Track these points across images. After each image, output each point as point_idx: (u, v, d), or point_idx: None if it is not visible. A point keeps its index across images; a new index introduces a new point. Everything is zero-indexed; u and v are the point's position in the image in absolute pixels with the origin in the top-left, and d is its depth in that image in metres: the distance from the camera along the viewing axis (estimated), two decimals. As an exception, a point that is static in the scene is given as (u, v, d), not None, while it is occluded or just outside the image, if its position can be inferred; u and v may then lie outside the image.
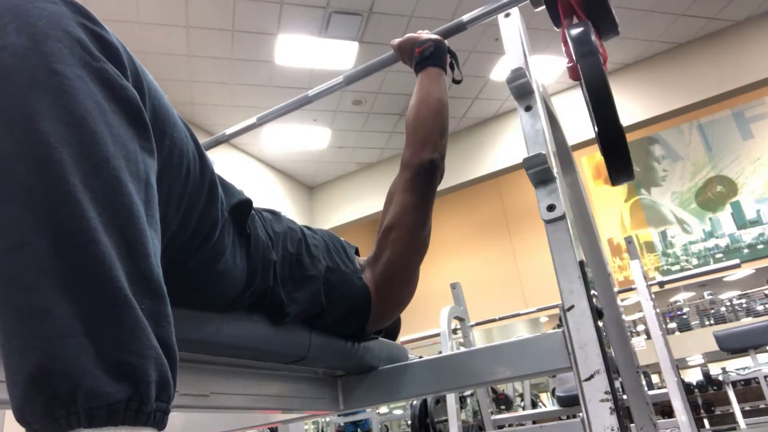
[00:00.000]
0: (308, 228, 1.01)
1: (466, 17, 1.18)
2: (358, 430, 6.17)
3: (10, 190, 0.39)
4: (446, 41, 1.20)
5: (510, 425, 3.84)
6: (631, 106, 5.71)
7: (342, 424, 6.08)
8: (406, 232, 0.99)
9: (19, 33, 0.42)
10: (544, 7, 1.03)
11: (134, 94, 0.47)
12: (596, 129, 0.86)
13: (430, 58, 1.11)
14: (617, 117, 0.84)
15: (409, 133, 1.03)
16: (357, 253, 1.09)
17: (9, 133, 0.40)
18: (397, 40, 1.21)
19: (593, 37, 0.88)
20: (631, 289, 3.12)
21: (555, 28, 1.01)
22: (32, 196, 0.38)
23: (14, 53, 0.41)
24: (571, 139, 1.25)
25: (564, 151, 1.18)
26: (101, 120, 0.43)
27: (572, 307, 0.81)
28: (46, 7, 0.44)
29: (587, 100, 0.85)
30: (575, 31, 0.90)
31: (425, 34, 1.16)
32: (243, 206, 0.73)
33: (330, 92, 1.42)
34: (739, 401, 4.58)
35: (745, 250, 8.50)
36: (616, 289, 1.18)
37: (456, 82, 1.17)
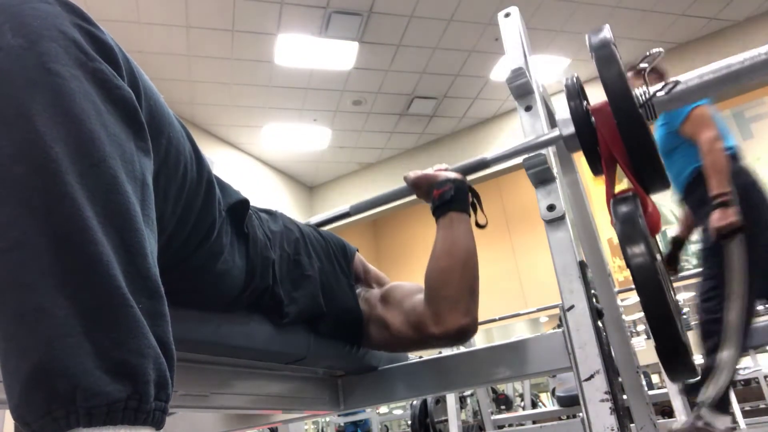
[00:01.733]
0: (310, 227, 1.01)
1: (489, 155, 1.03)
2: (358, 430, 6.16)
3: (6, 190, 0.39)
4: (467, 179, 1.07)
5: (510, 425, 3.83)
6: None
7: (342, 424, 6.07)
8: (399, 346, 0.99)
9: (15, 33, 0.42)
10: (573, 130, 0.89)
11: (130, 93, 0.47)
12: (652, 333, 0.76)
13: (451, 202, 0.97)
14: (677, 329, 0.74)
15: (433, 292, 0.90)
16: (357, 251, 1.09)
17: (5, 134, 0.39)
18: (411, 176, 1.06)
19: (642, 223, 0.77)
20: (631, 289, 3.12)
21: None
22: (29, 196, 0.38)
23: (9, 53, 0.41)
24: (571, 139, 1.25)
25: (564, 151, 1.18)
26: (97, 120, 0.43)
27: (572, 307, 0.81)
28: (41, 8, 0.44)
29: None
30: (621, 212, 0.80)
31: (443, 173, 1.03)
32: (240, 206, 0.73)
33: (333, 221, 1.24)
34: (739, 401, 4.58)
35: (745, 250, 8.48)
36: (616, 289, 1.18)
37: (480, 226, 1.02)
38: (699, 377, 0.79)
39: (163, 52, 4.84)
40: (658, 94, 0.84)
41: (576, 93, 0.88)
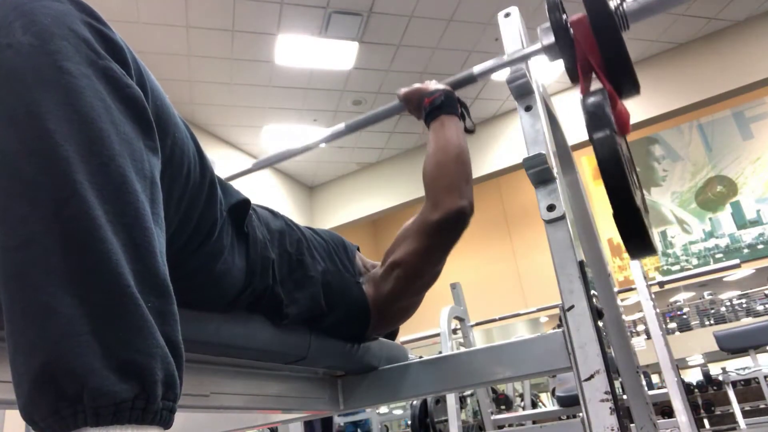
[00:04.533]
0: (309, 228, 1.01)
1: (476, 69, 1.10)
2: (358, 430, 6.16)
3: (16, 188, 0.39)
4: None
5: (510, 425, 3.83)
6: (631, 106, 5.68)
7: (342, 424, 6.07)
8: (412, 274, 0.97)
9: (25, 31, 0.42)
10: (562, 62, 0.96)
11: (139, 93, 0.47)
12: (612, 206, 0.81)
13: (441, 107, 1.04)
14: (632, 196, 0.79)
15: (429, 182, 0.96)
16: (358, 249, 1.09)
17: (15, 131, 0.40)
18: (402, 90, 1.13)
19: (608, 110, 0.84)
20: (631, 289, 3.11)
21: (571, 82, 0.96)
22: (39, 194, 0.39)
23: (20, 51, 0.41)
24: (571, 139, 1.25)
25: (564, 151, 1.18)
26: (107, 118, 0.43)
27: (572, 307, 0.82)
28: (51, 6, 0.44)
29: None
30: (589, 102, 0.86)
31: (433, 85, 1.10)
32: (241, 206, 0.74)
33: (332, 139, 1.31)
34: (739, 401, 4.58)
35: (745, 250, 8.49)
36: (616, 289, 1.18)
37: (468, 131, 1.09)
38: (656, 252, 0.87)
39: (163, 52, 4.84)
40: (629, 2, 0.91)
41: (555, 6, 0.94)
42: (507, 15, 1.05)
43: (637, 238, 0.83)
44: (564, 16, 0.94)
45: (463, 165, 0.97)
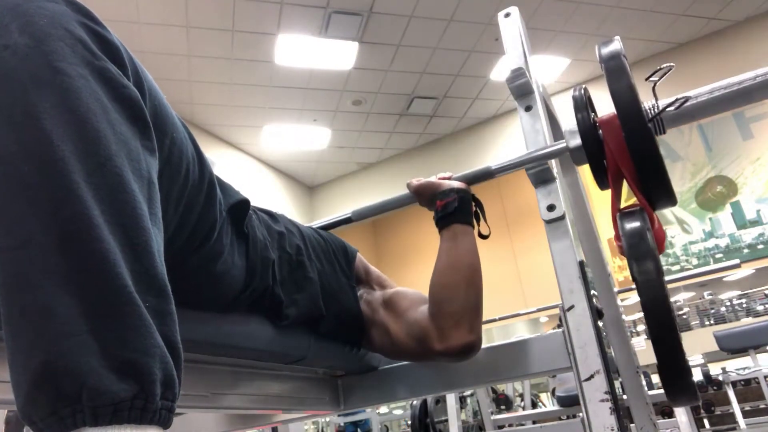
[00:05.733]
0: (310, 228, 1.01)
1: (494, 166, 1.00)
2: (358, 430, 6.16)
3: (13, 188, 0.39)
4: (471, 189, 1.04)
5: (510, 425, 3.83)
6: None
7: (342, 424, 6.07)
8: (402, 357, 1.01)
9: (21, 32, 0.42)
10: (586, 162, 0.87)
11: (135, 93, 0.47)
12: (656, 353, 0.74)
13: (455, 214, 0.94)
14: (680, 347, 0.72)
15: (437, 305, 0.88)
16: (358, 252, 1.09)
17: (12, 132, 0.40)
18: (414, 183, 1.04)
19: (651, 241, 0.75)
20: (631, 289, 3.11)
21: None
22: (36, 194, 0.39)
23: (16, 52, 0.41)
24: (571, 139, 1.25)
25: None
26: (103, 118, 0.43)
27: (572, 307, 0.81)
28: (47, 6, 0.44)
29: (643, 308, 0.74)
30: (629, 229, 0.77)
31: (447, 182, 1.00)
32: (241, 206, 0.74)
33: (335, 227, 1.22)
34: (739, 401, 4.58)
35: (745, 250, 8.49)
36: (616, 289, 1.18)
37: (483, 237, 1.00)
38: (699, 401, 0.78)
39: (162, 52, 4.84)
40: (668, 109, 0.82)
41: (584, 105, 0.86)
42: (507, 15, 1.05)
43: (682, 387, 0.75)
44: (592, 116, 0.85)
45: (475, 291, 0.88)
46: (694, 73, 5.64)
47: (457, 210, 0.94)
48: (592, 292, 0.85)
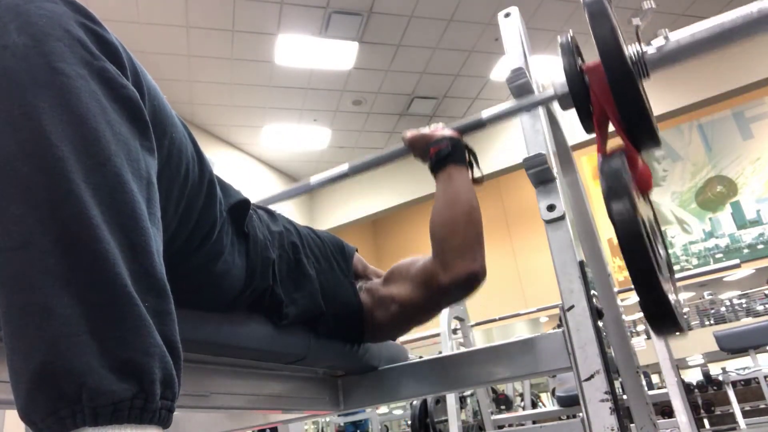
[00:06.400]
0: (307, 228, 1.01)
1: (485, 114, 1.02)
2: (358, 430, 6.16)
3: (13, 189, 0.39)
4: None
5: (510, 425, 3.83)
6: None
7: (342, 424, 6.07)
8: (409, 318, 0.97)
9: (20, 32, 0.42)
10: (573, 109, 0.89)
11: (134, 93, 0.47)
12: (634, 285, 0.76)
13: (449, 157, 0.97)
14: (656, 277, 0.74)
15: (439, 241, 0.90)
16: (356, 251, 1.09)
17: (11, 132, 0.40)
18: (408, 134, 1.07)
19: (626, 179, 0.77)
20: (631, 289, 3.11)
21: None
22: (35, 195, 0.38)
23: (15, 52, 0.41)
24: (571, 139, 1.25)
25: (564, 151, 1.18)
26: (102, 119, 0.43)
27: (572, 307, 0.82)
28: (46, 7, 0.44)
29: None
30: (607, 168, 0.79)
31: (440, 131, 1.03)
32: (241, 206, 0.74)
33: (332, 182, 1.27)
34: (739, 401, 4.58)
35: (745, 250, 8.50)
36: (616, 289, 1.18)
37: (476, 182, 1.01)
38: (684, 330, 0.81)
39: (163, 52, 4.85)
40: (650, 51, 0.83)
41: (570, 51, 0.87)
42: (507, 15, 1.05)
43: (661, 317, 0.77)
44: (579, 61, 0.86)
45: (474, 224, 0.90)
46: (694, 73, 5.64)
47: (450, 153, 0.98)
48: (592, 292, 0.85)
